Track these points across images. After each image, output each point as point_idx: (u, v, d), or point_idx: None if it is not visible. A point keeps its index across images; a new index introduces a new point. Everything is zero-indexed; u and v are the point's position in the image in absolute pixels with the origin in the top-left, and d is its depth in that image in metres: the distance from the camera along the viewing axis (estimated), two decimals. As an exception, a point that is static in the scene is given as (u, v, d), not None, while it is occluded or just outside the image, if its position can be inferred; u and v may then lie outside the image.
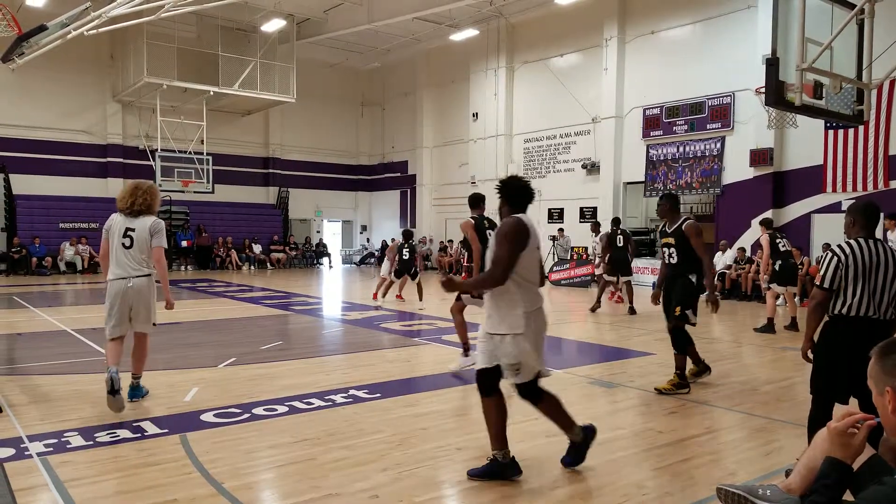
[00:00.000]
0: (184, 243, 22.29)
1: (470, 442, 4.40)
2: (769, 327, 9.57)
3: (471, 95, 22.47)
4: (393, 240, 14.40)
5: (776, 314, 9.88)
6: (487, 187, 21.74)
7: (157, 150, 20.40)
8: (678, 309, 5.84)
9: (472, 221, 6.30)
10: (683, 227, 5.90)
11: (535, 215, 18.34)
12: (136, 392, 5.28)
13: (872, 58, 7.92)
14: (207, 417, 4.88)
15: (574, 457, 3.88)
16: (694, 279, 5.88)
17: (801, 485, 2.40)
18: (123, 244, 5.05)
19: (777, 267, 9.81)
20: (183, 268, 22.12)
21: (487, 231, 6.14)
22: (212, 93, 20.60)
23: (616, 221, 12.80)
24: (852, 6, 7.49)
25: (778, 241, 9.84)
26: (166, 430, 4.53)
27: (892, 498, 1.46)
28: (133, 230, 5.07)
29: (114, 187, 22.43)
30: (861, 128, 12.18)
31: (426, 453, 4.14)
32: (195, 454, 4.06)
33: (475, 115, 22.35)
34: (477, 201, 6.54)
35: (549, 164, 20.45)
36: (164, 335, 8.94)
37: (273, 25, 20.84)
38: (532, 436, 4.58)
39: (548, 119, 20.28)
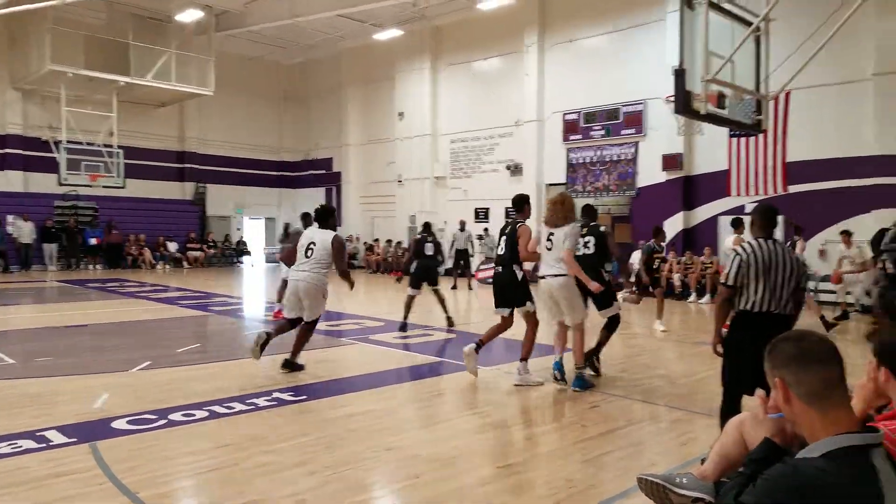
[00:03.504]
0: (92, 241, 20.96)
1: (399, 442, 4.38)
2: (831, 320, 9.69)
3: (396, 94, 22.37)
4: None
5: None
6: (415, 186, 21.85)
7: (61, 141, 19.09)
8: None
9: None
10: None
11: (461, 214, 18.17)
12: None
13: (769, 71, 8.55)
14: (120, 424, 4.62)
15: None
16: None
17: (714, 471, 2.53)
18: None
19: None
20: (91, 267, 20.83)
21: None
22: (122, 83, 19.50)
23: (426, 227, 10.15)
24: (750, 24, 8.04)
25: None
26: (75, 439, 4.26)
27: (790, 475, 1.59)
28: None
29: (13, 180, 20.85)
30: (761, 136, 13.03)
31: (355, 455, 4.09)
32: (107, 463, 3.84)
33: (401, 115, 22.26)
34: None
35: (474, 164, 20.67)
36: (71, 338, 8.46)
37: (189, 16, 19.92)
38: (462, 433, 4.63)
39: (473, 120, 20.49)
